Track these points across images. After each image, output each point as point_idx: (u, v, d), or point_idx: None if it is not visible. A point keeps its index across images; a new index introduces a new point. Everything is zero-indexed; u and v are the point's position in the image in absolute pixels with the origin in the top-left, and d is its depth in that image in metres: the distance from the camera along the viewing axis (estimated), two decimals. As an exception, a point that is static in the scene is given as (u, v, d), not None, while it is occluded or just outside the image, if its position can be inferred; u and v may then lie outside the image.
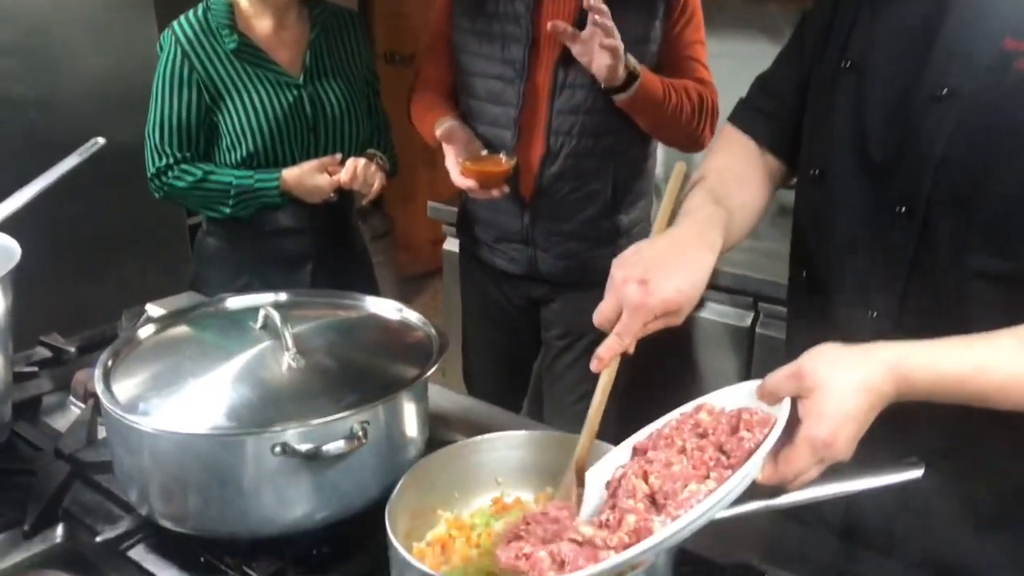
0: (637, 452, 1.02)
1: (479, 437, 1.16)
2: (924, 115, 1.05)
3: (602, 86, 1.80)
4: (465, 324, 2.33)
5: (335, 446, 1.07)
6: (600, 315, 1.03)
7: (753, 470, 0.87)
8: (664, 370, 2.32)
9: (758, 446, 0.88)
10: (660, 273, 1.00)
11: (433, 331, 1.32)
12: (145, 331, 1.30)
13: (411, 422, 1.22)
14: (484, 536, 1.10)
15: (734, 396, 1.00)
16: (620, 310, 1.01)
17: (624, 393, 2.20)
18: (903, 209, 1.08)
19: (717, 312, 2.26)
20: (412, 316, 1.37)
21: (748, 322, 2.23)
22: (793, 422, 0.89)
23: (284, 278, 2.04)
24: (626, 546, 0.88)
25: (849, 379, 0.87)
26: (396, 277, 4.35)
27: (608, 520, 0.93)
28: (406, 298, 4.39)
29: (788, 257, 1.30)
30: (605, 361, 1.02)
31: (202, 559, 1.14)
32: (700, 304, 2.36)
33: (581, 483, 1.03)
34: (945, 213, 1.05)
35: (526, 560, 0.91)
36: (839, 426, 0.86)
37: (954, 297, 1.06)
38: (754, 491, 0.98)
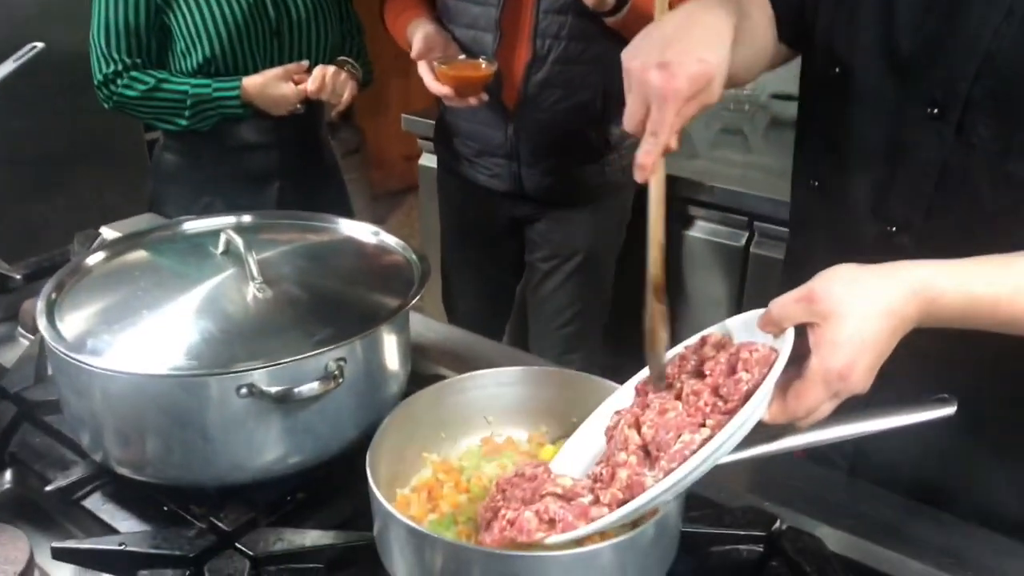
0: (638, 394, 0.93)
1: (467, 374, 1.06)
2: (969, 3, 0.93)
3: (589, 9, 1.65)
4: (443, 246, 2.21)
5: (308, 387, 0.96)
6: (630, 118, 0.90)
7: (752, 415, 0.78)
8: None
9: (756, 387, 0.79)
10: (678, 49, 0.88)
11: (414, 256, 1.21)
12: (94, 258, 1.17)
13: (392, 357, 1.11)
14: (474, 480, 1.01)
15: (738, 326, 0.91)
16: (647, 106, 0.88)
17: (610, 321, 2.14)
18: (934, 111, 0.97)
19: (708, 231, 2.15)
20: (390, 240, 1.25)
21: (742, 242, 2.13)
22: (801, 355, 0.80)
23: (249, 198, 1.91)
24: (620, 503, 0.81)
25: (868, 303, 0.78)
26: (368, 195, 4.19)
27: (601, 475, 0.86)
28: (379, 218, 4.25)
29: (783, 173, 1.19)
30: (649, 167, 0.89)
31: (165, 508, 1.04)
32: (690, 222, 2.27)
33: (661, 300, 0.92)
34: (985, 115, 0.94)
35: (512, 527, 0.83)
36: (856, 355, 0.77)
37: (989, 211, 0.96)
38: (768, 432, 0.91)
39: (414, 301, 1.11)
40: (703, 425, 0.82)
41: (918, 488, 1.04)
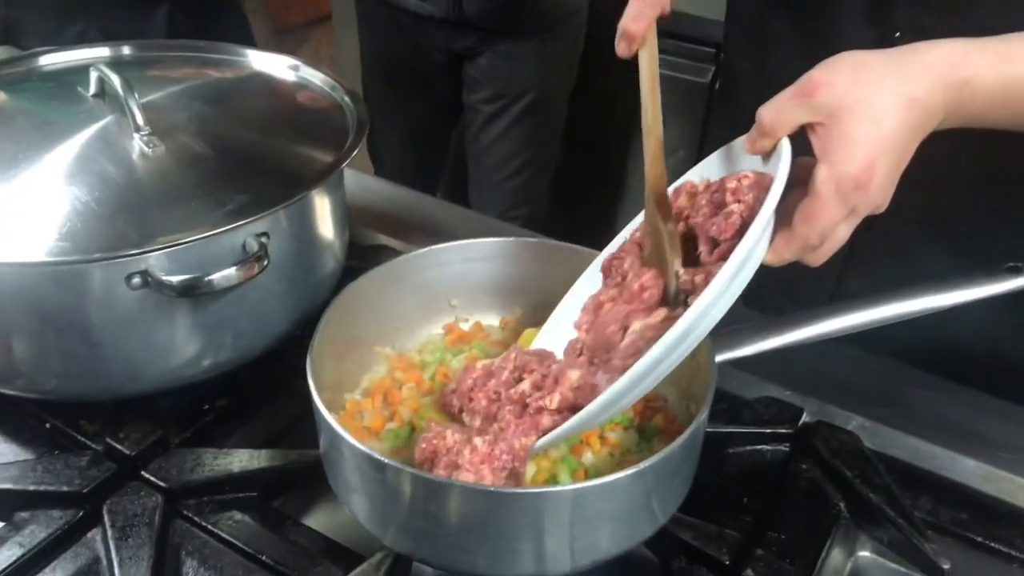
0: (607, 274, 0.77)
1: (425, 249, 0.85)
2: None
3: None
4: (366, 87, 1.93)
5: (223, 275, 0.73)
6: None
7: (752, 252, 0.61)
8: (606, 139, 2.00)
9: (753, 217, 0.61)
10: None
11: (346, 97, 0.96)
12: (-84, 106, 0.89)
13: (327, 228, 0.89)
14: (438, 377, 0.82)
15: (716, 164, 0.74)
16: None
17: (560, 170, 1.92)
18: None
19: (668, 64, 1.92)
20: (314, 76, 1.00)
21: (707, 77, 1.90)
22: (799, 179, 0.63)
23: (131, 26, 1.58)
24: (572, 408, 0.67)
25: (884, 90, 0.62)
26: (270, 29, 3.76)
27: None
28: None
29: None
30: (639, 35, 0.74)
31: (48, 425, 0.83)
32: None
33: (668, 218, 0.73)
34: None
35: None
36: (875, 156, 0.61)
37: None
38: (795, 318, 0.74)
39: (353, 155, 0.88)
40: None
41: (969, 371, 0.89)
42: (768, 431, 0.82)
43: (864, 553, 0.78)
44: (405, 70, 1.83)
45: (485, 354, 0.84)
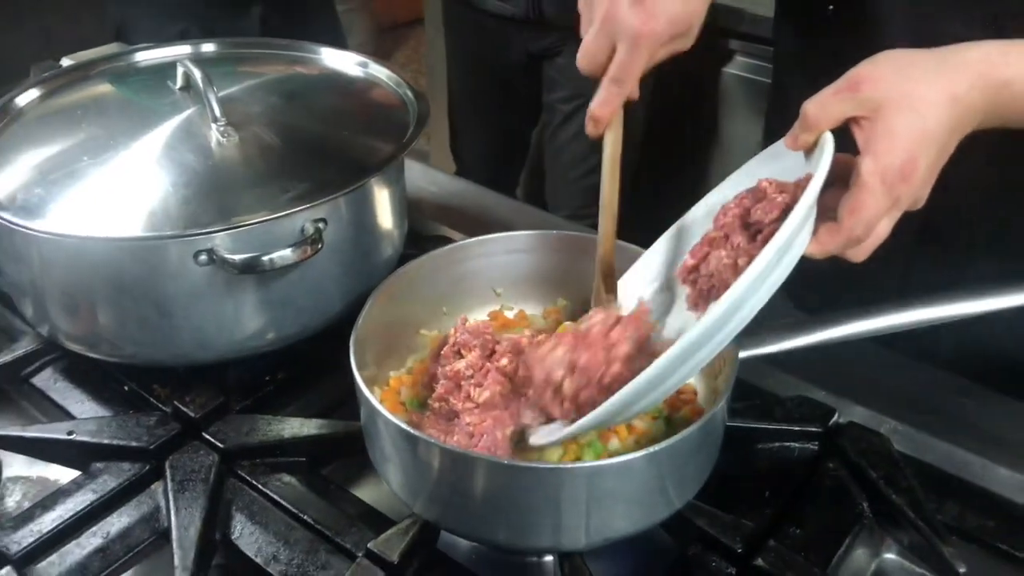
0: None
1: (474, 239, 0.89)
2: None
3: None
4: (451, 84, 1.99)
5: (280, 255, 0.79)
6: (588, 58, 0.76)
7: (794, 236, 0.62)
8: (684, 140, 2.01)
9: (795, 203, 0.62)
10: None
11: (410, 93, 1.01)
12: (26, 97, 0.99)
13: (384, 216, 0.94)
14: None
15: (755, 170, 0.75)
16: (612, 47, 0.75)
17: (638, 169, 1.93)
18: None
19: (747, 67, 1.90)
20: (381, 73, 1.05)
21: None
22: (841, 171, 0.65)
23: (228, 25, 1.68)
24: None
25: (928, 87, 0.64)
26: (371, 27, 3.88)
27: None
28: (383, 53, 3.95)
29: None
30: (605, 120, 0.77)
31: (126, 388, 0.91)
32: (726, 57, 2.02)
33: (611, 290, 0.80)
34: None
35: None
36: (918, 149, 0.63)
37: None
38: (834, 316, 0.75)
39: (410, 146, 0.93)
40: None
41: (1011, 380, 0.88)
42: (797, 429, 0.83)
43: (889, 555, 0.78)
44: (487, 70, 1.88)
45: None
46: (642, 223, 0.88)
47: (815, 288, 0.89)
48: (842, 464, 0.81)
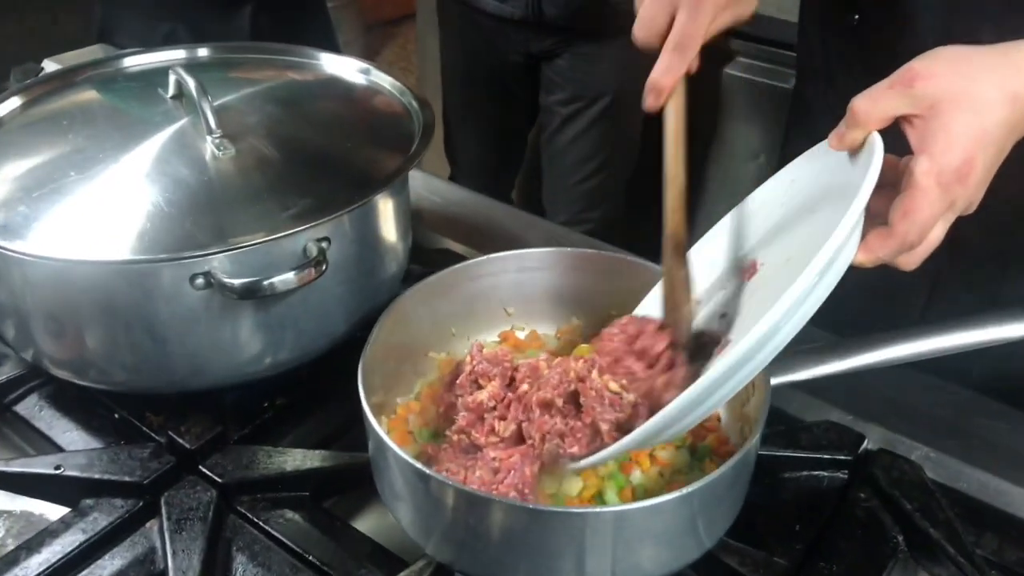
0: None
1: (483, 257, 0.85)
2: None
3: None
4: (445, 86, 1.94)
5: (281, 279, 0.75)
6: (648, 25, 0.75)
7: (841, 248, 0.58)
8: (689, 142, 1.96)
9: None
10: None
11: (413, 102, 0.97)
12: (7, 106, 0.93)
13: (389, 232, 0.90)
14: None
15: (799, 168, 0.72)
16: (673, 12, 0.74)
17: (635, 175, 1.89)
18: None
19: (751, 69, 1.88)
20: (384, 80, 1.01)
21: (790, 83, 1.85)
22: (887, 174, 0.61)
23: (217, 25, 1.62)
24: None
25: (986, 84, 0.60)
26: (359, 25, 3.82)
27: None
28: (371, 52, 3.89)
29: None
30: (668, 89, 0.74)
31: (116, 416, 0.86)
32: (729, 58, 1.99)
33: (682, 262, 0.75)
34: None
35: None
36: (976, 148, 0.60)
37: None
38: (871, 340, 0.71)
39: (417, 160, 0.88)
40: None
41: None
42: (826, 457, 0.79)
43: (923, 589, 0.75)
44: (483, 71, 1.83)
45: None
46: (639, 225, 0.85)
47: (835, 307, 0.86)
48: (874, 494, 0.77)
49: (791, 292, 0.56)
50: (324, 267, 0.77)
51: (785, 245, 0.68)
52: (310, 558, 0.72)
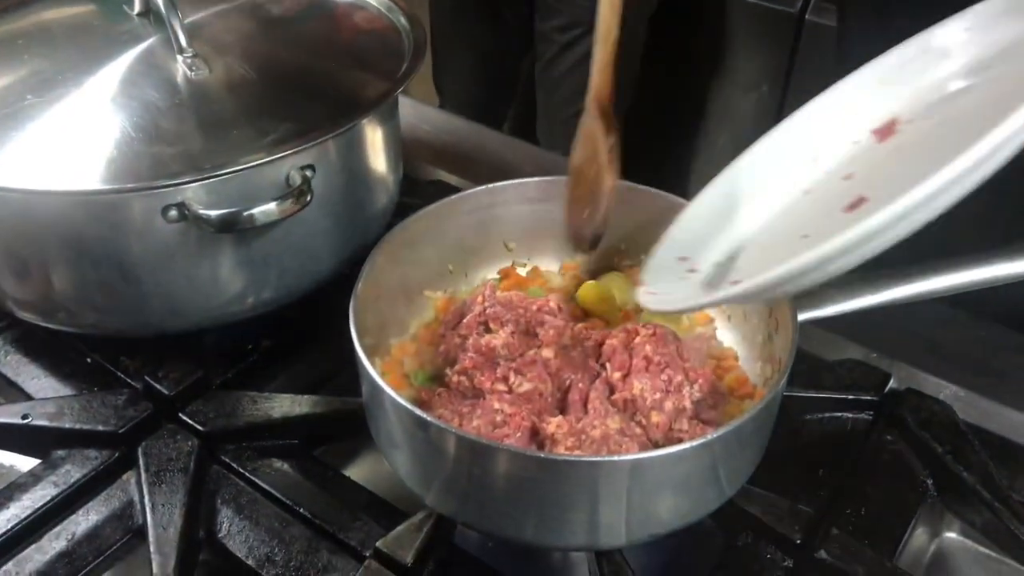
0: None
1: (480, 188, 0.78)
2: None
3: None
4: (433, 9, 1.84)
5: (263, 210, 0.68)
6: None
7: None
8: (679, 80, 1.89)
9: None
10: None
11: (402, 19, 0.90)
12: (-44, 23, 0.85)
13: (379, 161, 0.83)
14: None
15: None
16: None
17: (636, 103, 1.81)
18: None
19: (755, -8, 1.79)
20: (370, -3, 0.93)
21: (796, 7, 1.77)
22: None
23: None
24: None
25: None
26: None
27: None
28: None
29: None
30: None
31: (88, 360, 0.80)
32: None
33: (609, 126, 0.70)
34: None
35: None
36: None
37: None
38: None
39: (406, 82, 0.81)
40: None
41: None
42: (850, 397, 0.75)
43: (951, 535, 0.71)
44: (473, -5, 1.74)
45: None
46: (637, 159, 0.78)
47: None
48: (901, 436, 0.73)
49: (990, 137, 0.44)
50: (308, 198, 0.71)
51: (942, 107, 0.60)
52: (301, 511, 0.67)
